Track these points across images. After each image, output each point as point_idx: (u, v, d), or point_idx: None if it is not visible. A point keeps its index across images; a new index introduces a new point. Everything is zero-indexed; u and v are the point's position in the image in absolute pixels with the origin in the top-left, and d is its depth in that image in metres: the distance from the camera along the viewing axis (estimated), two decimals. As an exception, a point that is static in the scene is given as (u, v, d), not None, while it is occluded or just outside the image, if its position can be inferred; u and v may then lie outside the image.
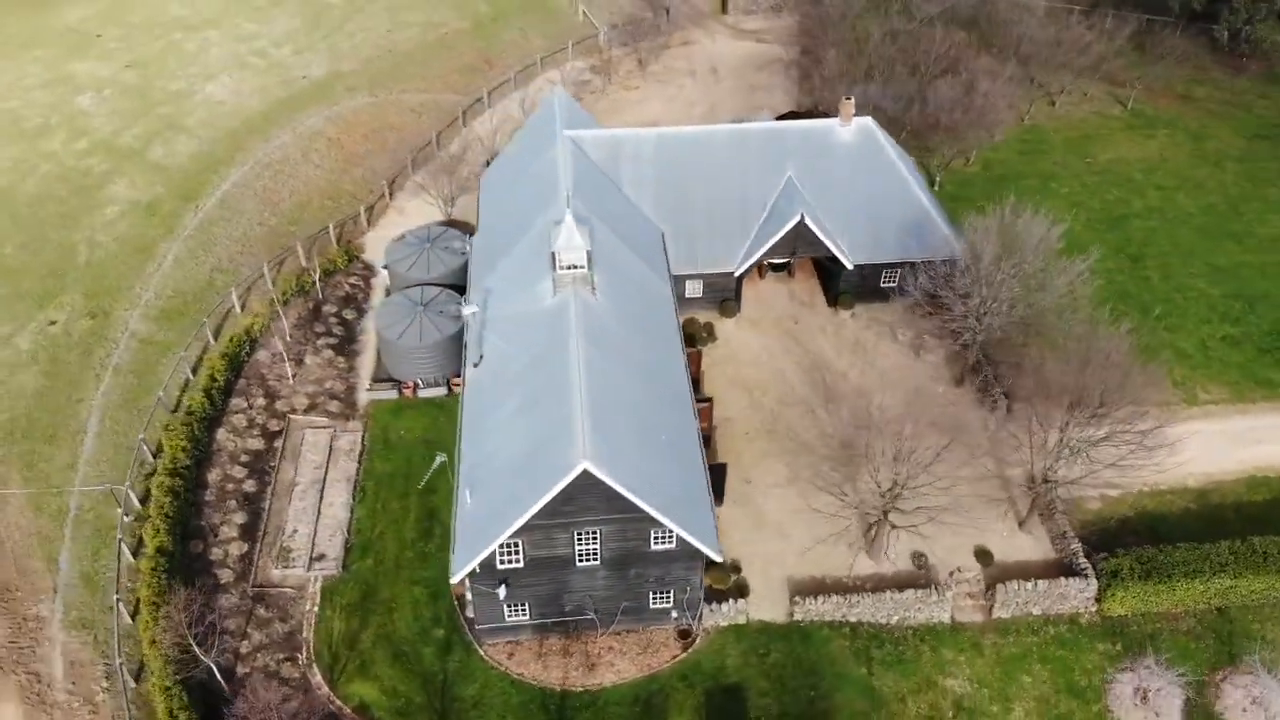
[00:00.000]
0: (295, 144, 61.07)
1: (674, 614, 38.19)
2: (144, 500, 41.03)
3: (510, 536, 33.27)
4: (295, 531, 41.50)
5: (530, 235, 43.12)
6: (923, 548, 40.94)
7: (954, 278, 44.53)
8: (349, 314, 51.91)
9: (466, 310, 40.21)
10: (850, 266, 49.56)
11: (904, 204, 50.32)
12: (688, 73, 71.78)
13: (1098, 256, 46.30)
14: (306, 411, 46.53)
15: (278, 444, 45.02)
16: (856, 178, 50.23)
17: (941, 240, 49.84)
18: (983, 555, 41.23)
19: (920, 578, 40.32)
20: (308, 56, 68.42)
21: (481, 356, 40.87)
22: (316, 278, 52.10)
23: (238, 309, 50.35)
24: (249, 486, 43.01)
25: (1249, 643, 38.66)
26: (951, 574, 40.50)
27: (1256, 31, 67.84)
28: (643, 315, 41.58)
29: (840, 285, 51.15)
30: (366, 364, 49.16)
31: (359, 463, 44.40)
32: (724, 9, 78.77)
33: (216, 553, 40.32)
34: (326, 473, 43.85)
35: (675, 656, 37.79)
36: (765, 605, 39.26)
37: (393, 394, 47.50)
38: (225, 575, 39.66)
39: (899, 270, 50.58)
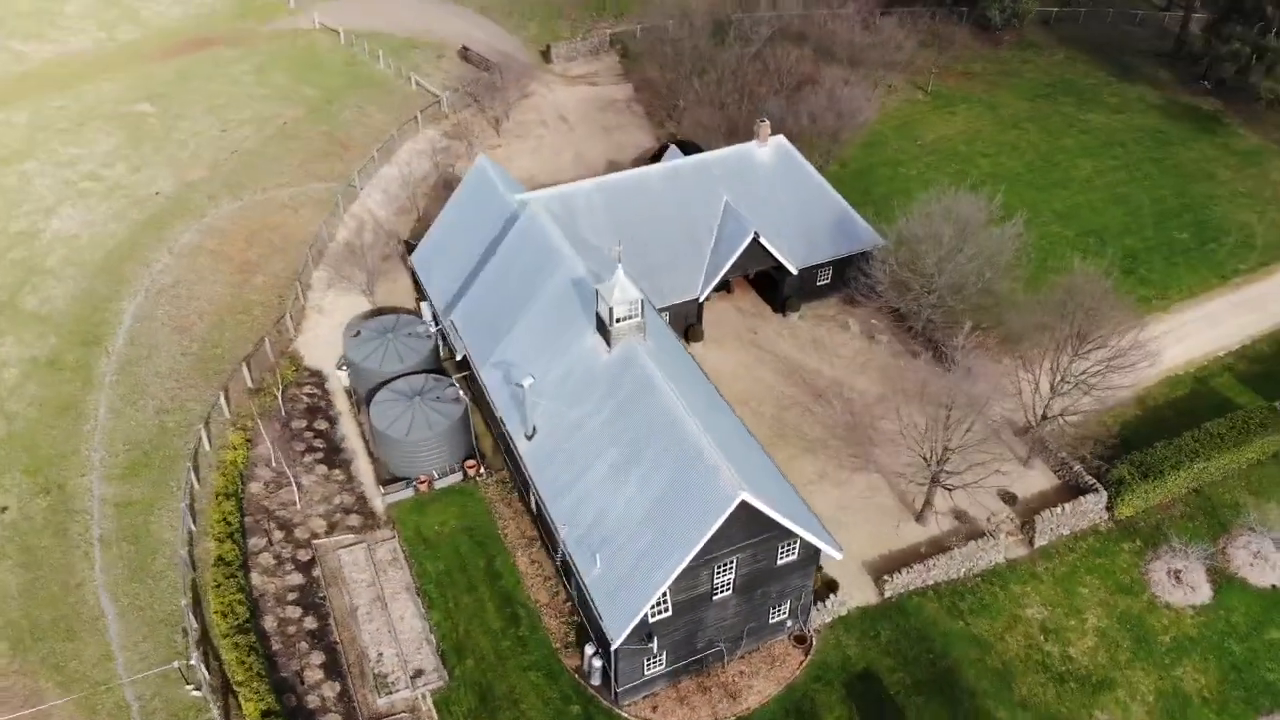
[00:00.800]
0: (179, 264, 56.71)
1: (789, 623, 39.98)
2: (211, 668, 37.40)
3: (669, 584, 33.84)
4: (380, 655, 39.30)
5: (541, 300, 43.28)
6: (956, 504, 45.35)
7: (916, 261, 49.38)
8: (320, 424, 49.25)
9: (526, 382, 39.83)
10: (795, 272, 53.33)
11: (825, 208, 54.90)
12: (540, 124, 73.14)
13: (1025, 219, 52.78)
14: (329, 533, 43.92)
15: (316, 573, 42.24)
16: (781, 191, 54.22)
17: (864, 233, 54.88)
18: (1007, 497, 46.16)
19: (965, 530, 44.61)
20: (148, 172, 63.36)
21: (535, 429, 40.69)
22: (280, 394, 49.08)
23: (207, 446, 46.48)
24: (310, 624, 40.15)
25: (1229, 510, 45.99)
26: (989, 519, 45.06)
27: (1022, 5, 79.46)
28: (674, 350, 43.08)
29: (785, 291, 54.83)
30: (364, 470, 46.95)
31: (408, 569, 42.60)
32: (547, 59, 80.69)
33: (313, 700, 37.48)
34: (381, 588, 41.74)
35: (801, 662, 39.62)
36: (855, 592, 41.92)
37: (408, 493, 45.77)
38: (331, 720, 37.07)
39: (830, 268, 55.12)
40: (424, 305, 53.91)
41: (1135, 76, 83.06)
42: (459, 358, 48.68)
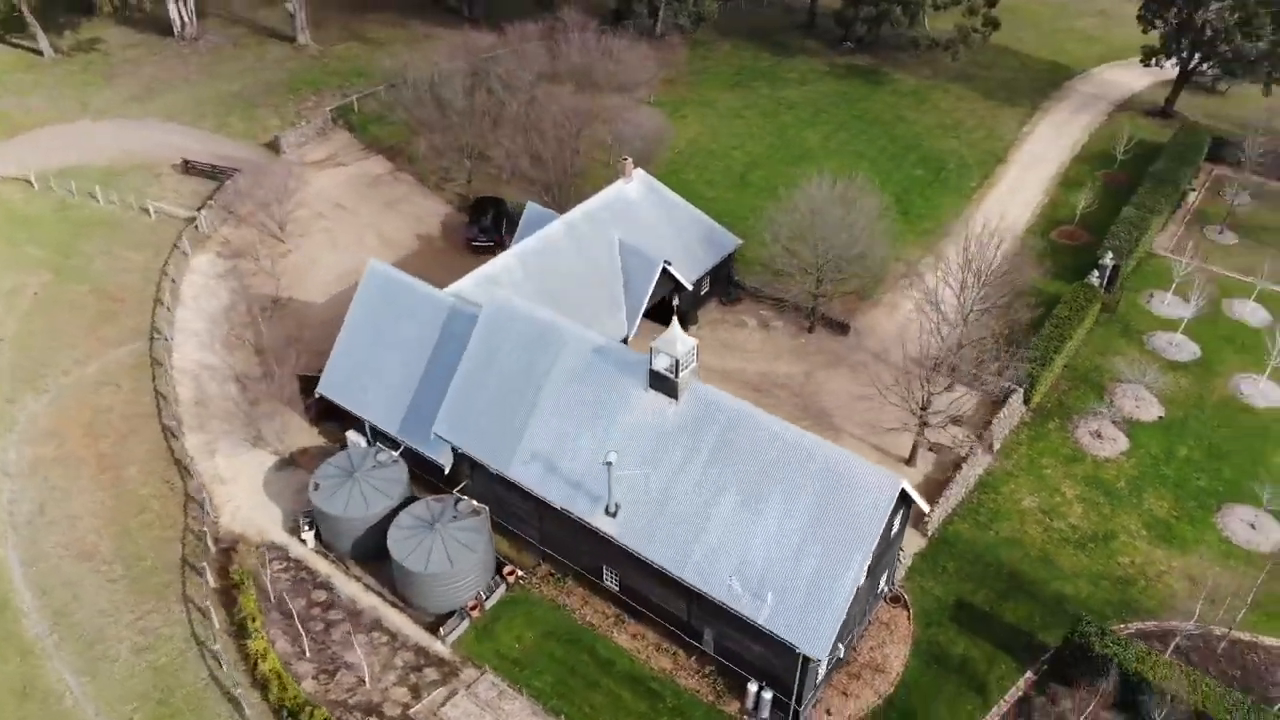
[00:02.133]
0: (28, 486, 47.02)
1: (885, 588, 43.64)
2: None
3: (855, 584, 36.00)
4: (562, 786, 37.09)
5: (556, 381, 42.22)
6: (924, 440, 51.61)
7: (796, 254, 54.59)
8: (318, 594, 43.90)
9: (611, 458, 38.72)
10: (690, 287, 56.36)
11: (692, 224, 58.31)
12: (317, 216, 68.23)
13: (886, 201, 59.88)
14: (418, 698, 39.87)
15: (436, 742, 38.41)
16: (656, 218, 56.68)
17: (726, 238, 59.24)
18: (955, 420, 53.21)
19: (946, 458, 50.98)
20: (-101, 394, 50.78)
21: (617, 505, 40.17)
22: (252, 582, 42.94)
23: (222, 667, 39.65)
24: (473, 791, 36.65)
25: (1095, 372, 56.80)
26: (955, 442, 51.81)
27: (704, 7, 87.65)
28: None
29: (682, 307, 57.50)
30: (399, 621, 42.80)
31: (522, 695, 40.10)
32: (276, 151, 74.86)
33: None
34: (510, 725, 39.07)
35: (909, 618, 43.51)
36: (906, 543, 46.51)
37: (464, 623, 42.71)
38: None
39: (708, 276, 58.83)
40: (351, 434, 49.59)
41: (794, 51, 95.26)
42: (446, 470, 45.99)
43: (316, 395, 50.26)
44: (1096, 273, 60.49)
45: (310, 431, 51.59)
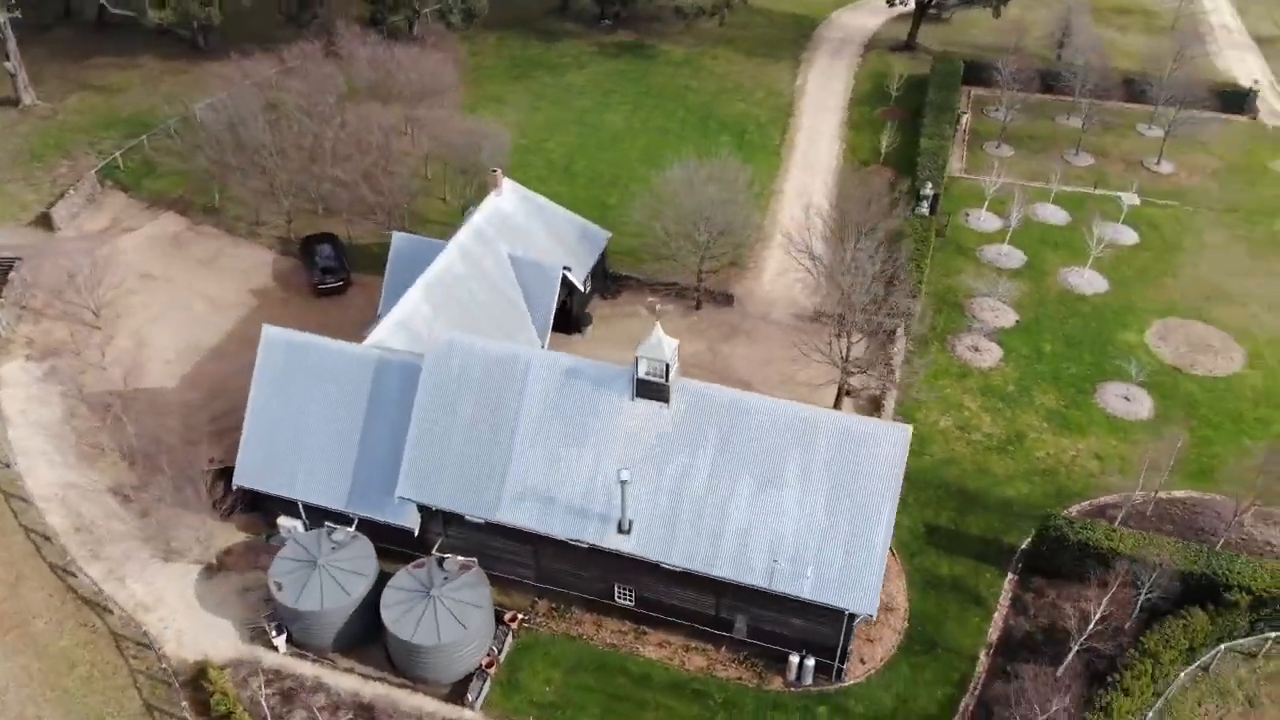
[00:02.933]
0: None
1: (868, 533, 45.95)
2: None
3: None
4: (656, 812, 36.47)
5: (531, 410, 40.55)
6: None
7: (682, 236, 55.61)
8: (317, 698, 39.97)
9: (625, 476, 37.69)
10: (584, 289, 55.80)
11: (566, 225, 57.46)
12: (129, 293, 59.86)
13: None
14: (474, 771, 37.63)
15: (514, 809, 36.45)
16: (533, 225, 55.24)
17: (599, 234, 59.00)
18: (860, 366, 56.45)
19: (864, 400, 54.12)
20: None
21: (630, 521, 39.50)
22: (266, 705, 38.48)
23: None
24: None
25: (953, 292, 62.01)
26: (868, 384, 54.95)
27: (475, 5, 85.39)
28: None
29: (575, 310, 56.83)
30: (421, 701, 39.94)
31: (576, 736, 38.93)
32: (50, 227, 65.19)
33: None
34: (580, 768, 37.79)
35: (894, 554, 46.14)
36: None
37: (484, 682, 40.53)
38: None
39: (589, 275, 58.37)
40: (283, 520, 45.22)
41: (558, 36, 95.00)
42: (416, 534, 43.18)
43: (235, 488, 45.22)
44: (923, 203, 65.86)
45: (227, 528, 46.41)
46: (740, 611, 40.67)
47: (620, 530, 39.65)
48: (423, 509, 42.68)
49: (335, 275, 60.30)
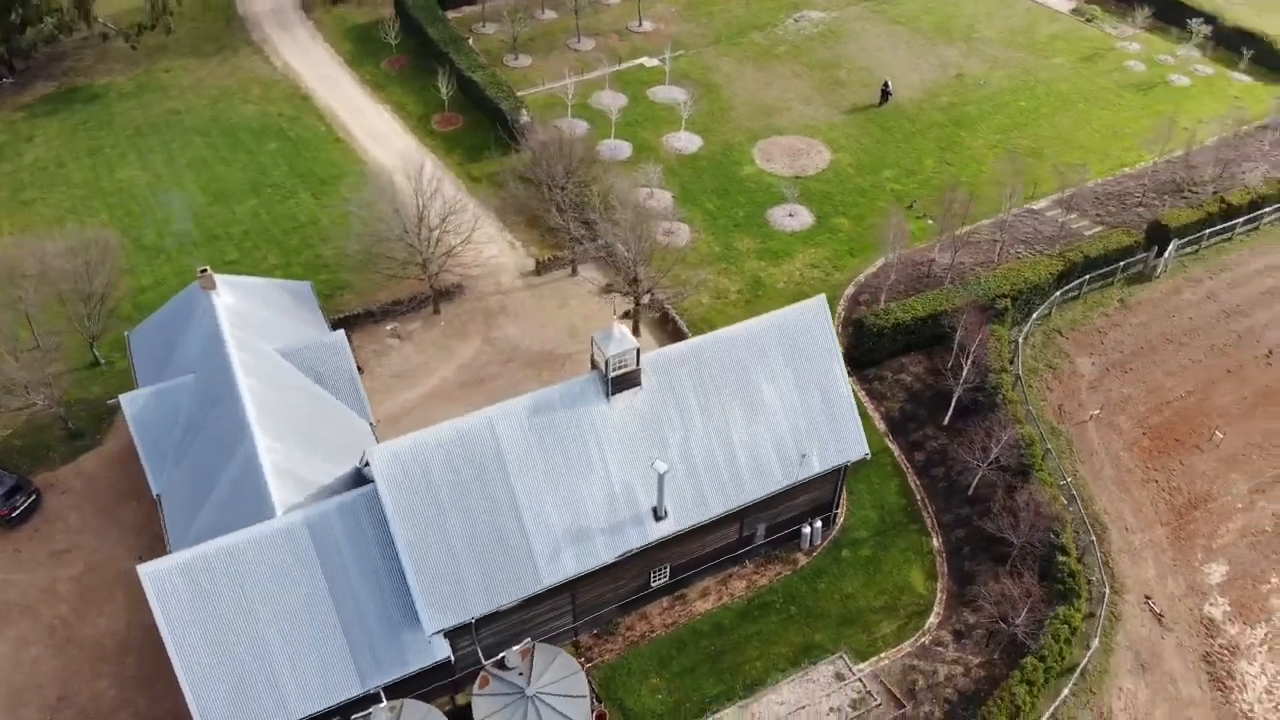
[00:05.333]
0: None
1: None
2: None
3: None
4: None
5: (515, 468, 37.73)
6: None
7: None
8: None
9: (661, 468, 37.21)
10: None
11: (280, 291, 50.28)
12: None
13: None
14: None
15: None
16: (262, 308, 47.64)
17: (301, 288, 52.72)
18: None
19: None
20: None
21: (665, 509, 39.91)
22: None
23: None
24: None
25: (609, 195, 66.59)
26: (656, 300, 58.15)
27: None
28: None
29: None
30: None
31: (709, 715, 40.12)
32: None
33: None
34: (751, 728, 39.42)
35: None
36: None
37: (612, 732, 39.33)
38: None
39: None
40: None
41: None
42: (452, 660, 38.68)
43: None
44: (520, 134, 67.33)
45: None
46: (760, 521, 43.97)
47: (658, 518, 40.03)
48: (454, 631, 38.19)
49: (21, 493, 46.32)
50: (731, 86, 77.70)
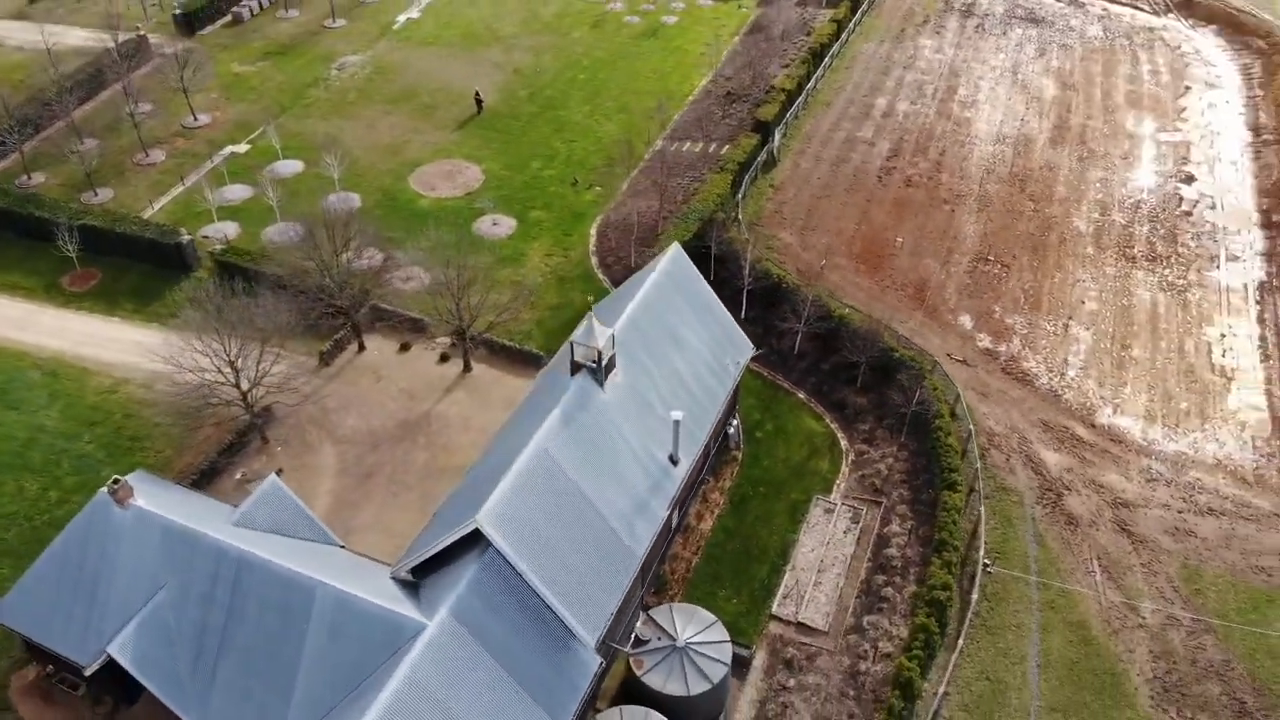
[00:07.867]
0: None
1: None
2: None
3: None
4: (847, 533, 49.62)
5: (573, 470, 41.14)
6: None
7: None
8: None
9: (677, 415, 42.46)
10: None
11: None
12: None
13: None
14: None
15: None
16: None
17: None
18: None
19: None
20: None
21: (679, 455, 45.45)
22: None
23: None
24: (883, 578, 47.10)
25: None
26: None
27: None
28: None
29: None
30: None
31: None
32: None
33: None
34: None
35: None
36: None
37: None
38: None
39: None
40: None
41: None
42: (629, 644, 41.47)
43: None
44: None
45: None
46: (714, 437, 51.16)
47: (674, 463, 45.56)
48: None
49: None
50: (343, 141, 78.67)
